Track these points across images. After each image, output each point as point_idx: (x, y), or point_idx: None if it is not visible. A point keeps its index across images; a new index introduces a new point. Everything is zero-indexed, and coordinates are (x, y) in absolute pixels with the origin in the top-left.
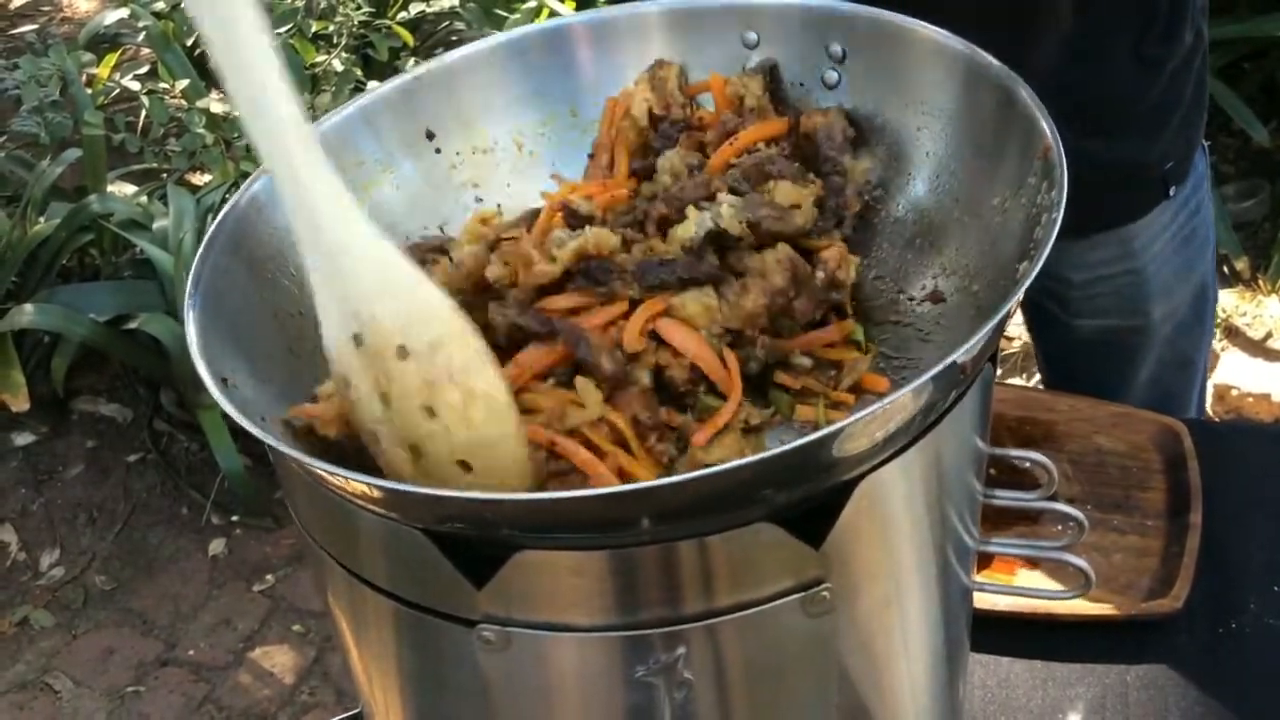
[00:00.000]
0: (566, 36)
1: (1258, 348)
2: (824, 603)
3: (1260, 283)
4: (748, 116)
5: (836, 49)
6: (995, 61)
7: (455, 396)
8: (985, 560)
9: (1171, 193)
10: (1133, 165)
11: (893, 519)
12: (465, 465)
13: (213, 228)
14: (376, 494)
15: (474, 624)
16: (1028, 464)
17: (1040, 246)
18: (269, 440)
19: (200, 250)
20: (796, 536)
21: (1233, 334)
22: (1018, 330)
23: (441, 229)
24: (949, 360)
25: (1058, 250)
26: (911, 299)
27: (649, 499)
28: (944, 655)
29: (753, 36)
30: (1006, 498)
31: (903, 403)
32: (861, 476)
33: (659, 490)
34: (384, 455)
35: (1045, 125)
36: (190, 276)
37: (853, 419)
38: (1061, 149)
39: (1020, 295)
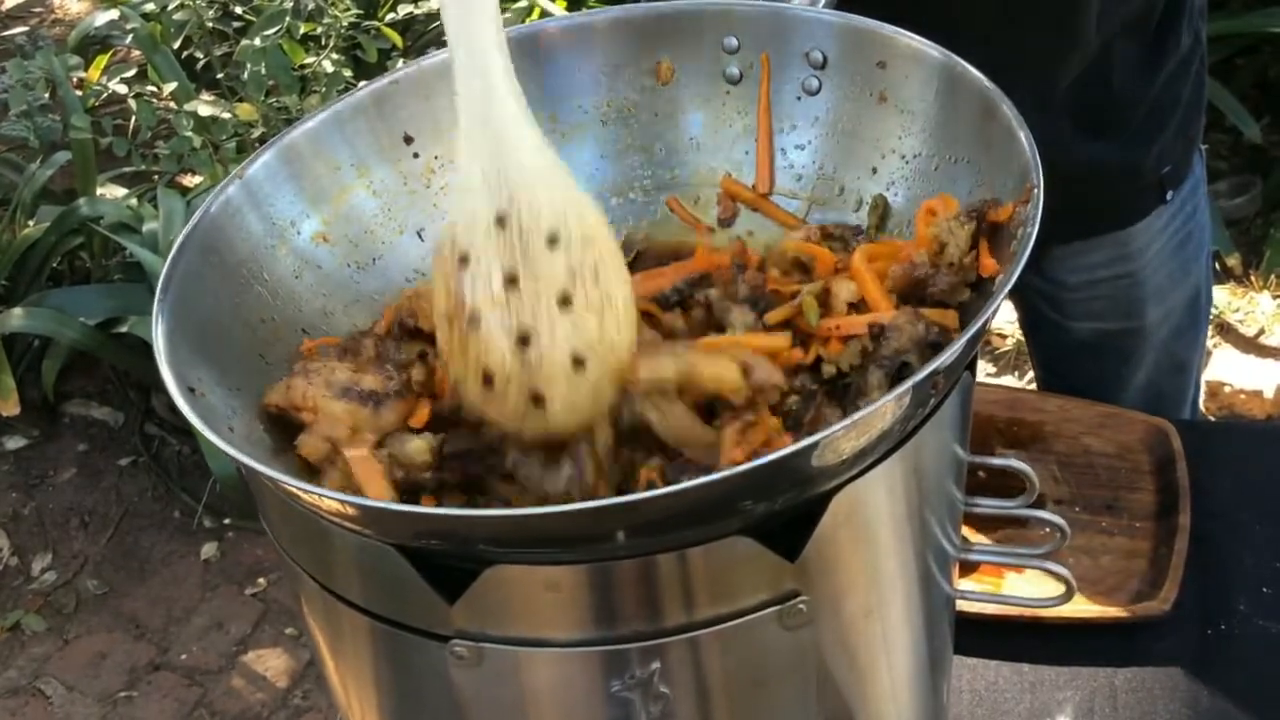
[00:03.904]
0: (545, 41)
1: (1250, 344)
2: (801, 615)
3: (1252, 279)
4: (942, 272)
5: (817, 55)
6: (974, 70)
7: (595, 294)
8: (971, 565)
9: (1168, 197)
10: (1129, 168)
11: (871, 530)
12: (578, 362)
13: (185, 232)
14: (349, 510)
15: (447, 639)
16: (1011, 469)
17: (1015, 260)
18: (232, 453)
19: (171, 255)
20: (772, 549)
21: (1225, 330)
22: (1010, 328)
23: (419, 235)
24: (922, 374)
25: (1054, 253)
26: None
27: (623, 514)
28: (927, 663)
29: (733, 42)
30: (988, 506)
31: (880, 413)
32: (839, 488)
33: (633, 505)
34: (480, 341)
35: (1023, 137)
36: (160, 281)
37: (828, 431)
38: (1039, 163)
39: (995, 310)
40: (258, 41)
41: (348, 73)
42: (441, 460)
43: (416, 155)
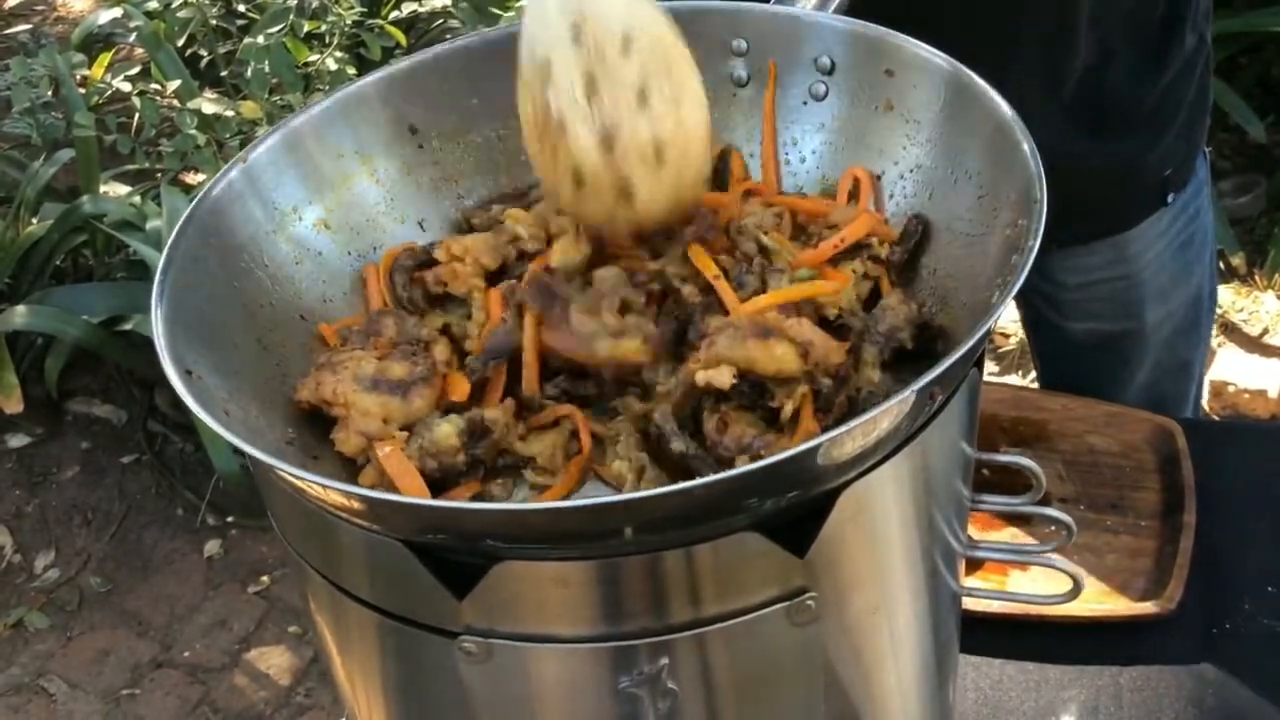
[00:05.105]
0: None
1: (1254, 343)
2: (809, 611)
3: (1256, 278)
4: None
5: (825, 61)
6: (981, 81)
7: (669, 89)
8: (977, 562)
9: (1170, 200)
10: (1131, 169)
11: (879, 526)
12: (659, 152)
13: (185, 214)
14: (356, 504)
15: (455, 635)
16: (1017, 466)
17: (1015, 274)
18: (227, 435)
19: (172, 238)
20: (781, 545)
21: (1229, 330)
22: (1014, 328)
23: (421, 225)
24: (926, 379)
25: (1053, 254)
26: None
27: (631, 510)
28: (933, 660)
29: (741, 44)
30: (995, 503)
31: (884, 414)
32: (846, 484)
33: (641, 502)
34: (565, 142)
35: (1027, 149)
36: (160, 264)
37: (832, 434)
38: (1043, 177)
39: (990, 325)
40: (261, 39)
41: (351, 71)
42: (469, 440)
43: (421, 146)
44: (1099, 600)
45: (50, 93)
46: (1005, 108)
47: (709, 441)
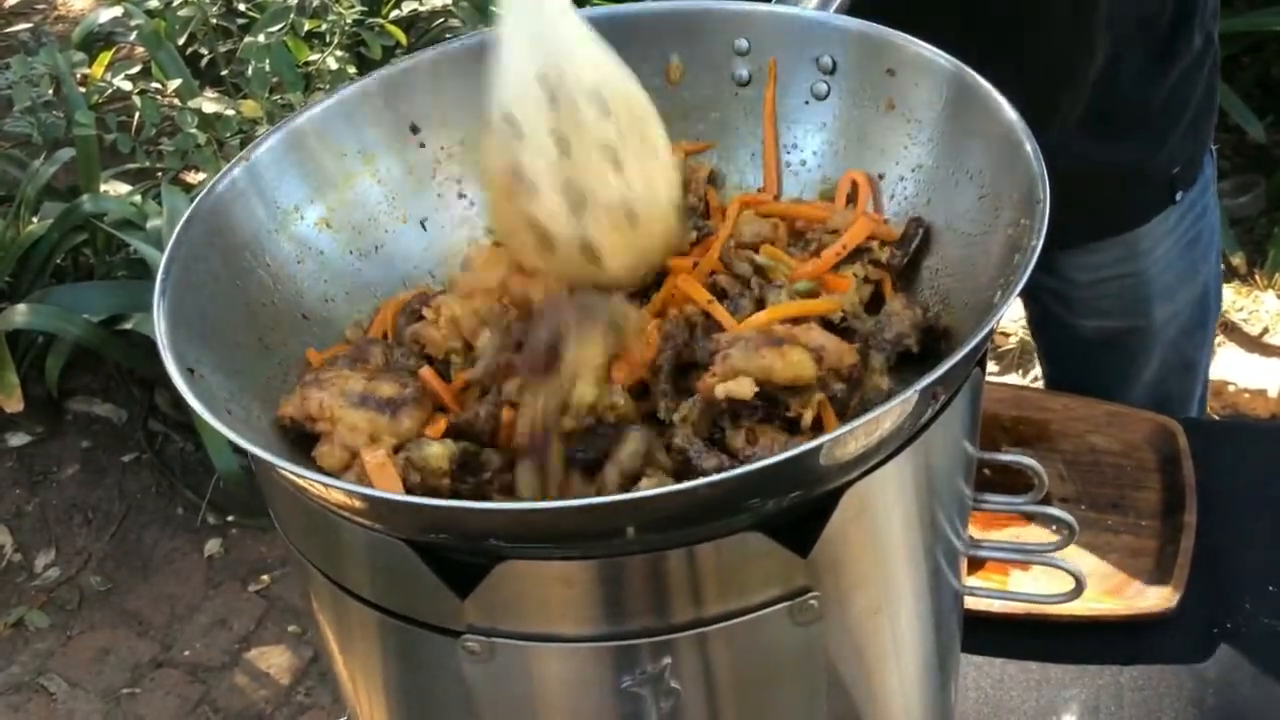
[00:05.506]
0: None
1: (1254, 343)
2: (811, 610)
3: (1256, 278)
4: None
5: (827, 60)
6: (983, 80)
7: (642, 154)
8: (978, 562)
9: (1178, 197)
10: (1138, 169)
11: (882, 525)
12: (630, 216)
13: (188, 212)
14: (358, 503)
15: (458, 634)
16: (1019, 465)
17: (1018, 273)
18: (230, 434)
19: (174, 236)
20: (784, 545)
21: (1229, 329)
22: (1014, 327)
23: (422, 224)
24: (928, 379)
25: (1062, 252)
26: None
27: (634, 510)
28: (935, 659)
29: (743, 44)
30: (997, 503)
31: (887, 414)
32: (849, 484)
33: (644, 501)
34: (535, 202)
35: (1029, 149)
36: (162, 263)
37: (835, 433)
38: (1045, 176)
39: (993, 325)
40: (262, 38)
41: (352, 70)
42: (457, 470)
43: (423, 145)
44: (1100, 600)
45: (51, 91)
46: (1007, 107)
47: (740, 456)
